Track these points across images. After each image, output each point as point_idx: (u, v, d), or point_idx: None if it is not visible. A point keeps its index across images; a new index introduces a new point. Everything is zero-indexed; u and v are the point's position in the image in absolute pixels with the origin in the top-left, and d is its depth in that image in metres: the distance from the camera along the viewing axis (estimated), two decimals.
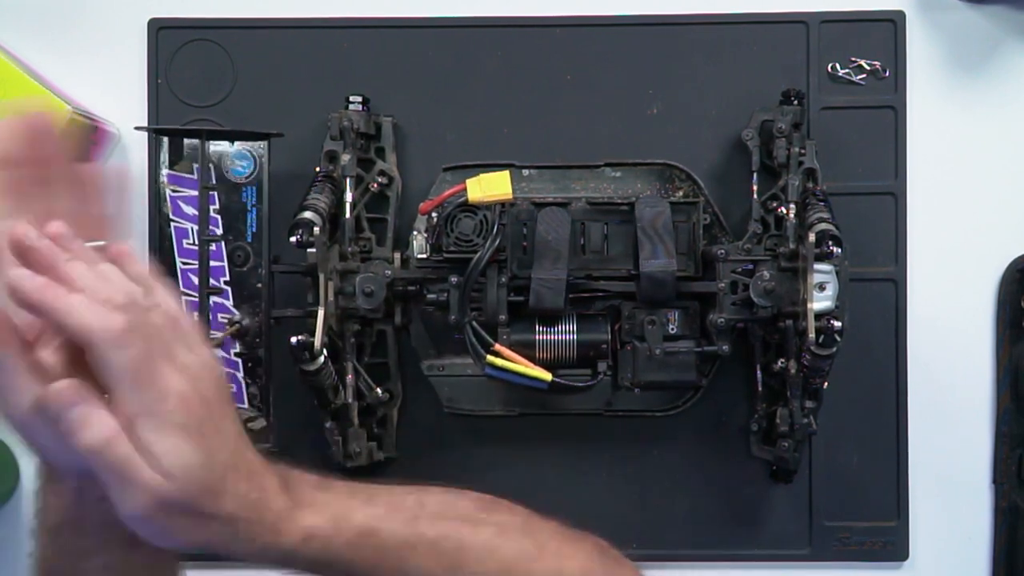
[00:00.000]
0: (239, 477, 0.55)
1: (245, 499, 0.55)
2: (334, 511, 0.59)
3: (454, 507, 0.64)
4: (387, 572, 0.60)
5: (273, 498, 0.57)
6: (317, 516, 0.58)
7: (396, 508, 0.61)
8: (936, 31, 0.92)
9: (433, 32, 0.93)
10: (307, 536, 0.57)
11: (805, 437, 0.87)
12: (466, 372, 0.89)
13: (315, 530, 0.57)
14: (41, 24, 0.93)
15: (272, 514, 0.56)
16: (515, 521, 0.64)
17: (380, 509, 0.60)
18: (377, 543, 0.59)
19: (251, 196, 0.89)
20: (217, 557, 0.56)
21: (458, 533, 0.62)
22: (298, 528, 0.57)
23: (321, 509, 0.58)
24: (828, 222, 0.81)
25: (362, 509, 0.60)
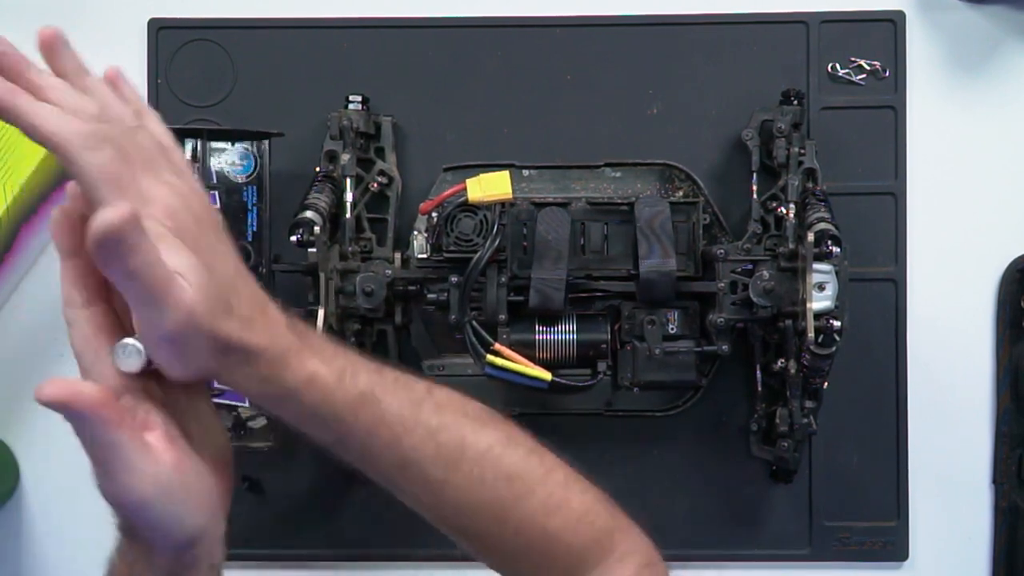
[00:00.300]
0: (242, 301, 0.53)
1: (251, 324, 0.52)
2: (341, 365, 0.56)
3: (463, 405, 0.61)
4: (380, 446, 0.57)
5: (281, 332, 0.54)
6: (323, 364, 0.55)
7: (403, 386, 0.59)
8: (936, 31, 0.92)
9: (433, 32, 0.93)
10: (310, 379, 0.54)
11: (805, 437, 0.87)
12: (466, 372, 0.89)
13: (319, 376, 0.55)
14: (41, 24, 0.93)
15: (279, 346, 0.54)
16: (525, 439, 0.62)
17: (387, 381, 0.58)
18: (376, 412, 0.57)
19: (251, 196, 0.89)
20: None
21: (461, 428, 0.59)
22: (303, 368, 0.54)
23: (329, 359, 0.56)
24: (828, 222, 0.81)
25: (368, 374, 0.58)
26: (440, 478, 0.59)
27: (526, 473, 0.60)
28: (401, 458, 0.58)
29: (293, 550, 0.93)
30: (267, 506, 0.92)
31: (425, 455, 0.58)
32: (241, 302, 0.52)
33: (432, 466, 0.58)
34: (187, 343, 0.50)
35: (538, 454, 0.62)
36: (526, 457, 0.61)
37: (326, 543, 0.92)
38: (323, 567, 0.94)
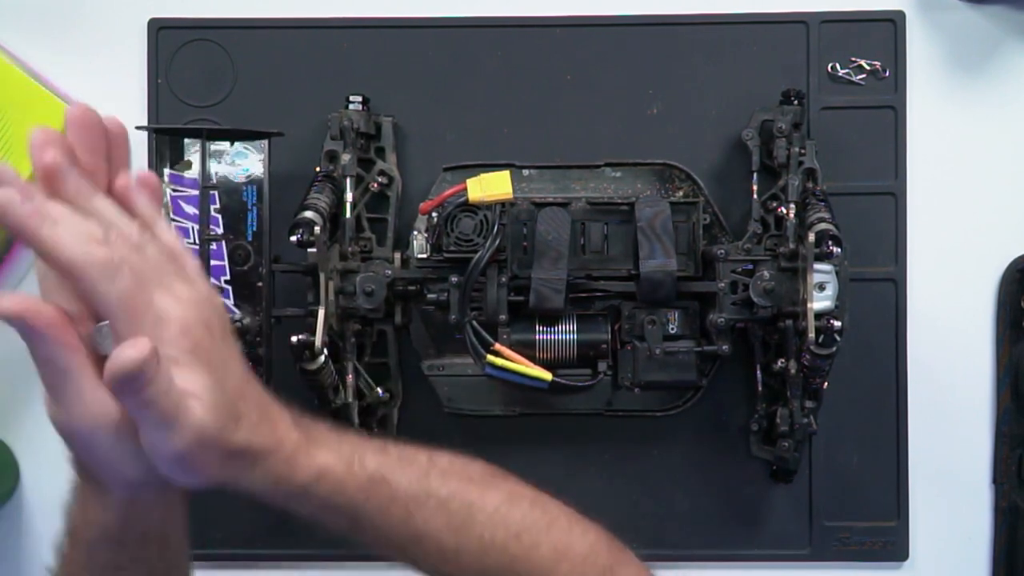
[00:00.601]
0: (250, 406, 0.54)
1: (258, 429, 0.54)
2: (347, 453, 0.58)
3: (465, 469, 0.63)
4: (394, 523, 0.59)
5: (286, 431, 0.56)
6: (331, 455, 0.57)
7: (408, 461, 0.61)
8: (936, 31, 0.92)
9: (433, 32, 0.93)
10: (321, 473, 0.56)
11: (805, 437, 0.87)
12: (466, 372, 0.89)
13: (329, 469, 0.57)
14: (41, 24, 0.93)
15: (287, 447, 0.55)
16: (526, 492, 0.64)
17: (392, 459, 0.60)
18: (388, 492, 0.59)
19: (251, 196, 0.89)
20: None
21: (468, 494, 0.61)
22: (313, 464, 0.56)
23: (335, 449, 0.58)
24: (828, 222, 0.81)
25: (375, 456, 0.59)
26: (453, 546, 0.61)
27: (532, 526, 0.63)
28: (415, 532, 0.60)
29: (293, 550, 0.93)
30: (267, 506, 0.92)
31: (437, 526, 0.60)
32: (249, 407, 0.54)
33: (445, 535, 0.61)
34: (196, 458, 0.51)
35: (540, 505, 0.64)
36: (530, 511, 0.63)
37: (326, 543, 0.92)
38: (323, 567, 0.94)
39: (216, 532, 0.92)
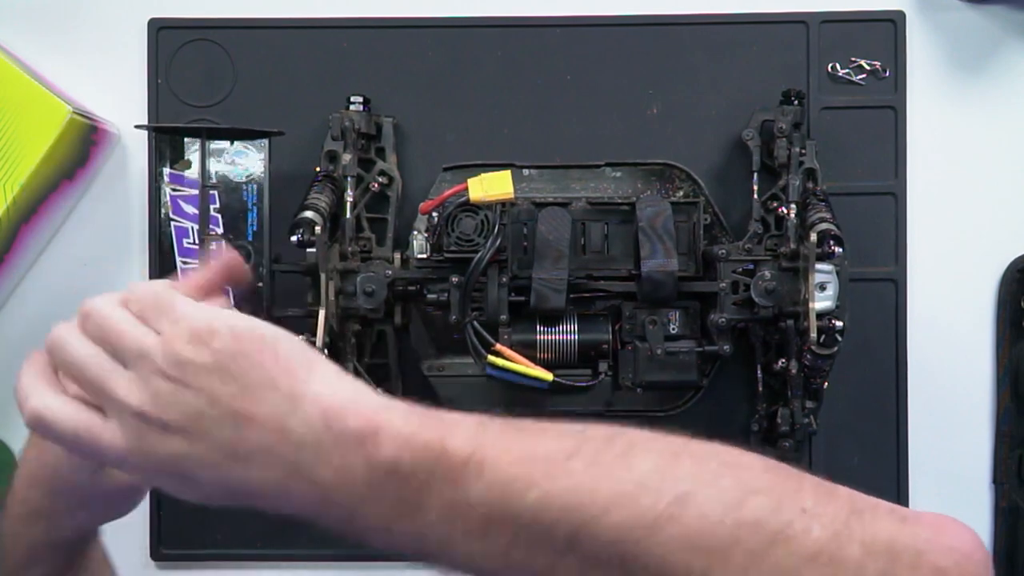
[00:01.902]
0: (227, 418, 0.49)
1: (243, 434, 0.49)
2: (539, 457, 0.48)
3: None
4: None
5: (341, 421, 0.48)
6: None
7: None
8: (936, 31, 0.92)
9: (433, 32, 0.93)
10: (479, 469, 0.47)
11: (805, 437, 0.87)
12: (466, 372, 0.89)
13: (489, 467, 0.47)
14: (41, 24, 0.93)
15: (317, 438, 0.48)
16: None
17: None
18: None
19: (251, 196, 0.89)
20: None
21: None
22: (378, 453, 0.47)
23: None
24: (829, 222, 0.81)
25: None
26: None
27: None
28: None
29: (293, 550, 0.93)
30: None
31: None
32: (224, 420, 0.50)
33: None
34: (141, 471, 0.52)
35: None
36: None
37: (326, 543, 0.92)
38: (323, 567, 0.93)
39: (216, 532, 0.92)
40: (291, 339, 0.51)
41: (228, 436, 0.48)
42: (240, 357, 0.49)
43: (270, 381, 0.48)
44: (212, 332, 0.49)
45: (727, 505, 0.46)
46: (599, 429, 0.50)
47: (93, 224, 0.93)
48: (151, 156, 0.91)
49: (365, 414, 0.48)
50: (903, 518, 0.49)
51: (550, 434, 0.49)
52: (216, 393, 0.48)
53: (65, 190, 0.90)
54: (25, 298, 0.93)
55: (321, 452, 0.48)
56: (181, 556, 0.93)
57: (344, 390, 0.49)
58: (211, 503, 0.51)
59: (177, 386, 0.48)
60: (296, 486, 0.48)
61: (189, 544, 0.92)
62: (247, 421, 0.48)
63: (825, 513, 0.47)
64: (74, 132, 0.87)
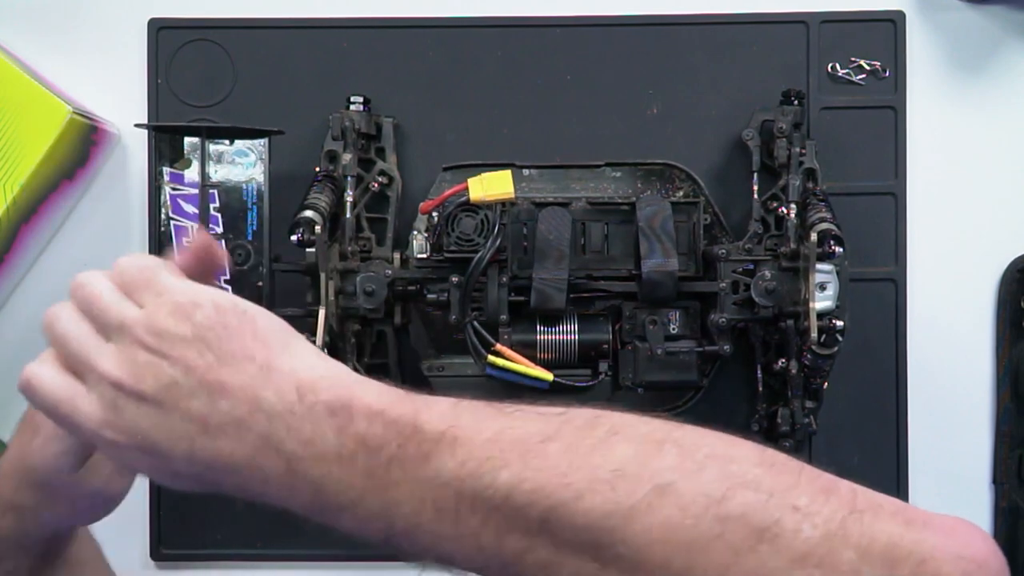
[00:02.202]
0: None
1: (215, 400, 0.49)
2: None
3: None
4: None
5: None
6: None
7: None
8: (936, 31, 0.92)
9: (433, 32, 0.93)
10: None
11: (805, 437, 0.87)
12: (466, 372, 0.89)
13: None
14: (41, 24, 0.93)
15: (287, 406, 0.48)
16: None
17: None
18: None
19: (251, 195, 0.89)
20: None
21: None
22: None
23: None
24: (829, 222, 0.81)
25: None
26: None
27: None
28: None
29: (293, 550, 0.92)
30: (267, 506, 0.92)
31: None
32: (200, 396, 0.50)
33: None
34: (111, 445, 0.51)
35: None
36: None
37: (326, 543, 0.92)
38: (323, 567, 0.93)
39: (216, 532, 0.92)
40: (272, 316, 0.52)
41: (201, 407, 0.48)
42: (219, 328, 0.49)
43: (246, 353, 0.49)
44: (195, 305, 0.50)
45: (710, 498, 0.45)
46: (582, 412, 0.49)
47: (93, 224, 0.93)
48: (151, 156, 0.91)
49: (338, 387, 0.48)
50: (909, 521, 0.46)
51: (529, 416, 0.48)
52: (192, 363, 0.48)
53: (65, 190, 0.90)
54: (25, 298, 0.93)
55: (292, 423, 0.47)
56: (181, 556, 0.93)
57: (319, 366, 0.50)
58: (182, 486, 0.51)
59: (155, 356, 0.49)
60: (266, 460, 0.48)
61: (189, 544, 0.92)
62: (221, 391, 0.48)
63: (819, 512, 0.45)
64: (74, 132, 0.87)
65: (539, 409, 0.49)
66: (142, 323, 0.50)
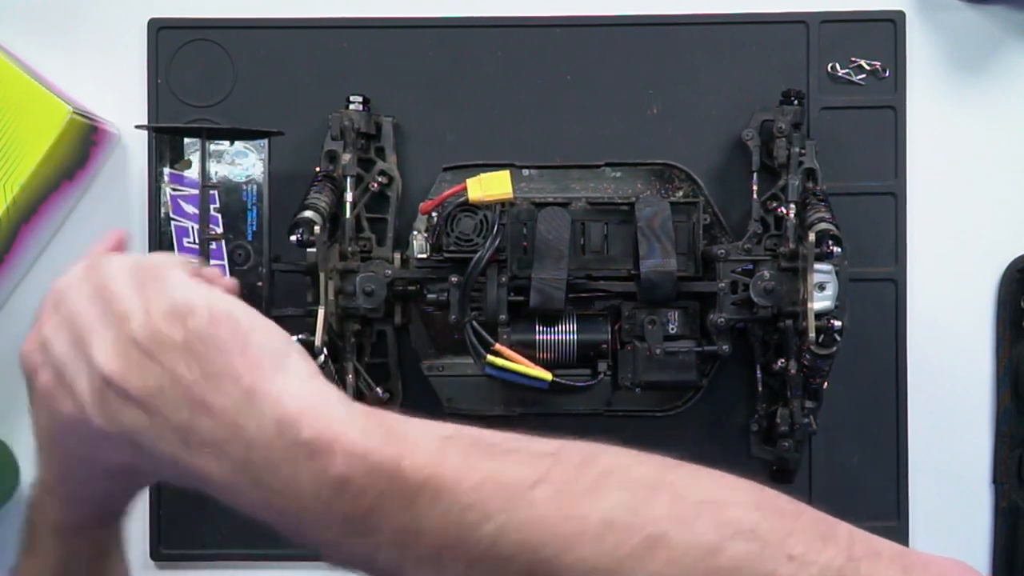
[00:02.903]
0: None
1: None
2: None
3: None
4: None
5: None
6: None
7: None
8: (936, 31, 0.92)
9: (433, 32, 0.93)
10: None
11: (805, 437, 0.87)
12: (466, 372, 0.89)
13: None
14: (41, 24, 0.93)
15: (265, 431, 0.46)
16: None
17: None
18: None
19: (251, 196, 0.89)
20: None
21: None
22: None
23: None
24: (828, 222, 0.81)
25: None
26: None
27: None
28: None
29: (293, 550, 0.92)
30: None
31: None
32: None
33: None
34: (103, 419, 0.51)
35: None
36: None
37: None
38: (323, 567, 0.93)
39: (216, 532, 0.92)
40: (270, 331, 0.49)
41: (183, 420, 0.47)
42: (209, 340, 0.47)
43: (232, 372, 0.47)
44: (190, 309, 0.48)
45: (703, 550, 0.43)
46: (575, 450, 0.47)
47: (93, 224, 0.93)
48: (151, 156, 0.91)
49: (321, 425, 0.46)
50: (907, 568, 0.45)
51: (519, 455, 0.46)
52: (178, 373, 0.47)
53: (65, 190, 0.90)
54: (25, 298, 0.93)
55: (271, 458, 0.46)
56: (181, 556, 0.93)
57: (307, 395, 0.47)
58: (168, 480, 0.51)
59: (144, 358, 0.48)
60: (244, 487, 0.47)
61: (189, 544, 0.92)
62: (203, 409, 0.47)
63: (815, 562, 0.43)
64: (74, 132, 0.87)
65: (530, 445, 0.47)
66: (139, 319, 0.48)
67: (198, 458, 0.47)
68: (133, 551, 0.91)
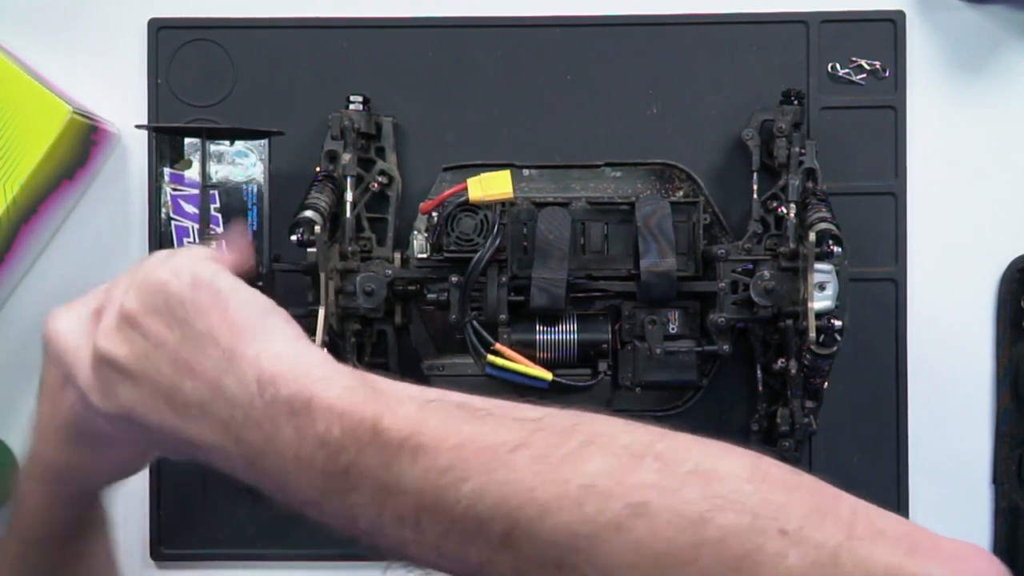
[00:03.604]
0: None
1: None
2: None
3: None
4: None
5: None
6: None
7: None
8: (936, 31, 0.92)
9: (433, 32, 0.93)
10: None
11: (805, 437, 0.87)
12: (466, 372, 0.89)
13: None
14: (41, 24, 0.93)
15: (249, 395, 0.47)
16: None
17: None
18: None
19: (251, 196, 0.89)
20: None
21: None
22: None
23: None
24: (828, 222, 0.81)
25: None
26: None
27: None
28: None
29: (293, 550, 0.93)
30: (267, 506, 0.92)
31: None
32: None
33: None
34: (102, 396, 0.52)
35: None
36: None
37: (326, 543, 0.92)
38: (323, 567, 0.93)
39: (216, 532, 0.92)
40: (252, 296, 0.50)
41: (168, 383, 0.48)
42: (189, 304, 0.48)
43: (213, 334, 0.48)
44: (173, 275, 0.49)
45: (688, 520, 0.41)
46: (560, 418, 0.46)
47: (93, 224, 0.93)
48: (151, 156, 0.91)
49: (300, 383, 0.46)
50: (913, 548, 0.42)
51: (501, 420, 0.45)
52: (161, 337, 0.48)
53: (65, 190, 0.90)
54: (25, 298, 0.93)
55: (252, 416, 0.46)
56: (181, 556, 0.93)
57: (288, 355, 0.47)
58: (167, 454, 0.52)
59: (130, 328, 0.49)
60: (229, 447, 0.47)
61: (189, 544, 0.92)
62: (187, 371, 0.48)
63: (809, 538, 0.41)
64: (74, 132, 0.87)
65: (515, 411, 0.46)
66: (126, 291, 0.50)
67: (186, 420, 0.48)
68: (133, 551, 0.92)
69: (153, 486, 0.92)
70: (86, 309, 0.53)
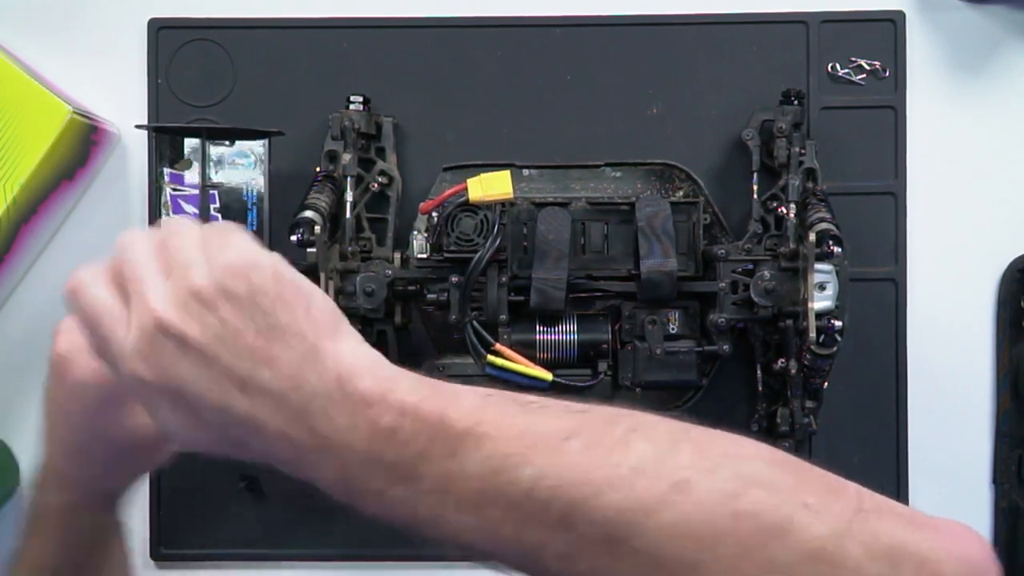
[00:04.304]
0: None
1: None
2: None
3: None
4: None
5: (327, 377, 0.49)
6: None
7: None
8: (936, 31, 0.92)
9: (433, 32, 0.93)
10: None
11: (805, 437, 0.87)
12: (466, 372, 0.89)
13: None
14: (41, 24, 0.93)
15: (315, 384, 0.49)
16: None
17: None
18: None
19: (251, 195, 0.89)
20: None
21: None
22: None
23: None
24: (828, 222, 0.81)
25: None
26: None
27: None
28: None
29: (293, 550, 0.93)
30: (266, 506, 0.92)
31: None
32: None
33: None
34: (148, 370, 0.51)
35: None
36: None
37: (326, 543, 0.92)
38: (323, 567, 0.93)
39: (216, 532, 0.92)
40: (326, 298, 0.52)
41: (244, 369, 0.48)
42: (274, 297, 0.49)
43: (297, 328, 0.49)
44: (255, 265, 0.49)
45: (725, 495, 0.46)
46: (602, 411, 0.50)
47: (93, 224, 0.93)
48: (151, 156, 0.91)
49: (376, 379, 0.49)
50: (912, 522, 0.48)
51: (552, 412, 0.49)
52: (241, 325, 0.49)
53: (65, 190, 0.90)
54: (25, 298, 0.93)
55: (329, 407, 0.48)
56: (181, 556, 0.93)
57: (362, 354, 0.50)
58: (199, 442, 0.51)
59: (204, 308, 0.49)
60: (297, 435, 0.48)
61: (189, 544, 0.92)
62: (266, 360, 0.48)
63: (828, 510, 0.46)
64: (74, 132, 0.87)
65: (562, 405, 0.50)
66: (201, 270, 0.49)
67: (254, 403, 0.48)
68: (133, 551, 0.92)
69: (153, 486, 0.92)
70: (107, 274, 0.52)
